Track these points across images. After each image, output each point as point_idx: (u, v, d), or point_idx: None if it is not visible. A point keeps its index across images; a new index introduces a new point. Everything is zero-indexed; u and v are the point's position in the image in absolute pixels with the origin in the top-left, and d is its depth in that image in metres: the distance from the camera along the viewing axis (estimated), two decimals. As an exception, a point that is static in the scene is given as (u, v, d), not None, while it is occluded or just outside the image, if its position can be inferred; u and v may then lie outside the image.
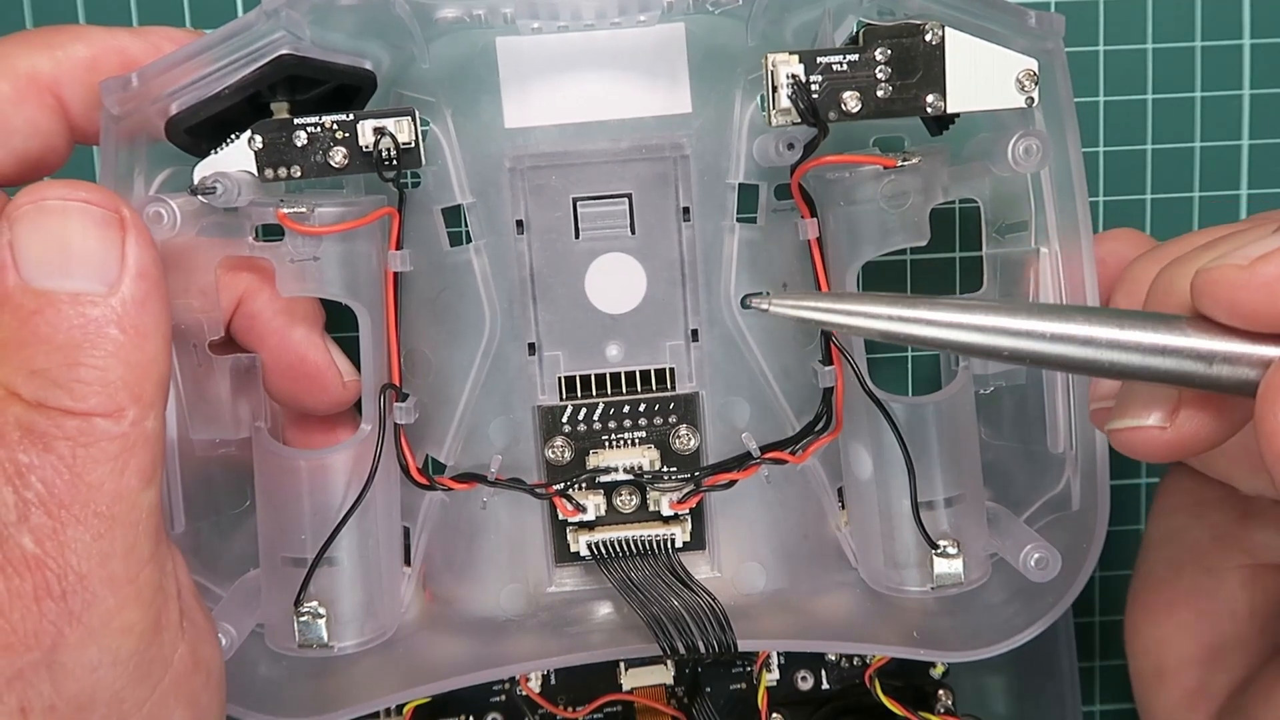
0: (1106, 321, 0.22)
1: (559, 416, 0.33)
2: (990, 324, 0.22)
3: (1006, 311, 0.22)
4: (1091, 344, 0.22)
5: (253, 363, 0.32)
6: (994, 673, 0.38)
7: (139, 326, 0.23)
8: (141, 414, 0.23)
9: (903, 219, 0.31)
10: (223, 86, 0.28)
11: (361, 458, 0.31)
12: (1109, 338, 0.22)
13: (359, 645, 0.32)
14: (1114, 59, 0.38)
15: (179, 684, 0.25)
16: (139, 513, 0.23)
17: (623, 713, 0.36)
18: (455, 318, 0.33)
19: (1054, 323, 0.22)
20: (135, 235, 0.24)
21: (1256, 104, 0.38)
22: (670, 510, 0.33)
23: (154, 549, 0.24)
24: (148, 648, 0.24)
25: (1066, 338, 0.22)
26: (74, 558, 0.22)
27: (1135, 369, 0.22)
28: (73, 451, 0.22)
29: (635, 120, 0.32)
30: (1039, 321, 0.22)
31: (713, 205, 0.33)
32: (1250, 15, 0.38)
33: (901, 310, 0.22)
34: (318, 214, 0.29)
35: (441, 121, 0.32)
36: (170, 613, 0.25)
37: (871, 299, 0.23)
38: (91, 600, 0.23)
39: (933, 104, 0.28)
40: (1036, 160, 0.29)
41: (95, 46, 0.28)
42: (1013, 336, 0.22)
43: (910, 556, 0.32)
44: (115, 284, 0.23)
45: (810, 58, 0.28)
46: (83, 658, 0.23)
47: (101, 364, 0.23)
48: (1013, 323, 0.22)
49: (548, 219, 0.32)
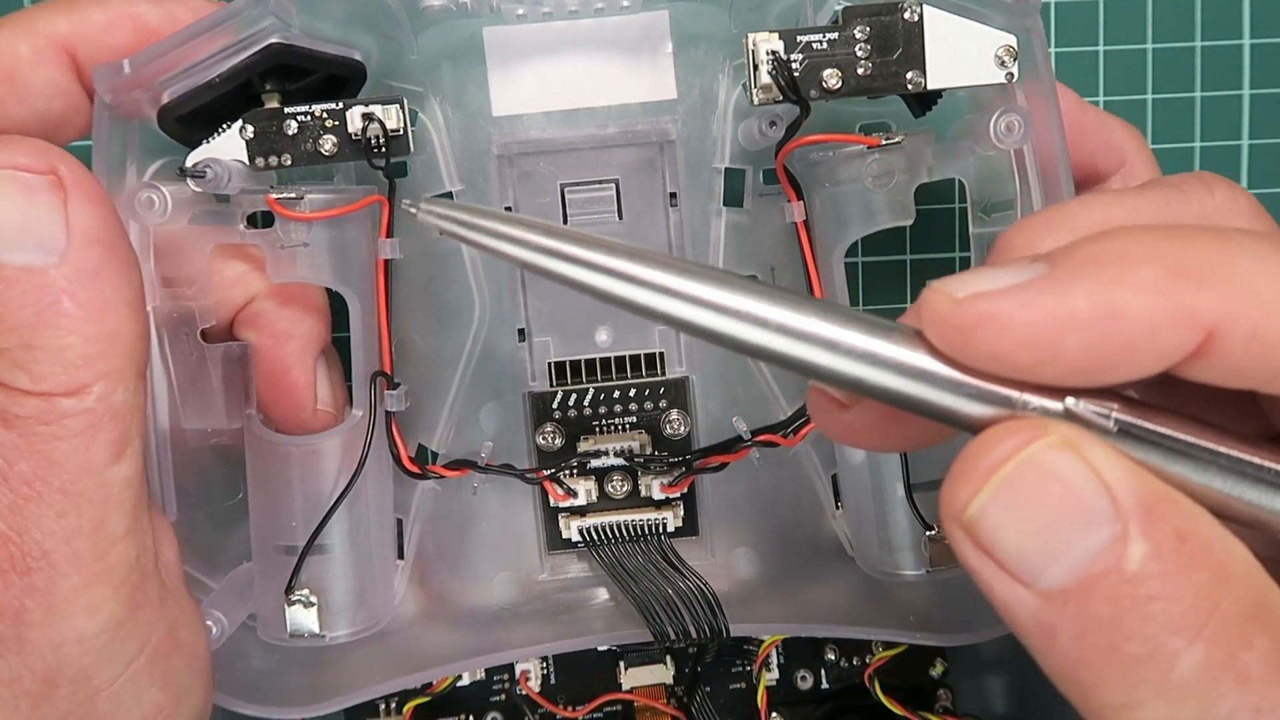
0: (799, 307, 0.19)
1: (549, 402, 0.33)
2: (669, 284, 0.19)
3: (700, 277, 0.19)
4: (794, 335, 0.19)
5: (244, 351, 0.32)
6: (994, 673, 0.38)
7: (95, 298, 0.22)
8: (108, 388, 0.22)
9: (888, 198, 0.31)
10: (214, 74, 0.28)
11: (352, 444, 0.31)
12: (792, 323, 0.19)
13: (351, 635, 0.32)
14: (1114, 59, 0.38)
15: (155, 664, 0.24)
16: (108, 489, 0.23)
17: (622, 712, 0.36)
18: (445, 305, 0.33)
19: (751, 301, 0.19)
20: (79, 197, 0.22)
21: (1256, 104, 0.38)
22: (662, 495, 0.33)
23: (129, 525, 0.23)
24: (119, 626, 0.23)
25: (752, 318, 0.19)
26: (37, 534, 0.22)
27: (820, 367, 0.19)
28: (33, 429, 0.22)
29: (621, 106, 0.32)
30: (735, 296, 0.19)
31: (699, 190, 0.33)
32: (1250, 15, 0.38)
33: (553, 243, 0.19)
34: (308, 200, 0.30)
35: (430, 110, 0.32)
36: (147, 591, 0.24)
37: (523, 224, 0.19)
38: (55, 577, 0.22)
39: (913, 80, 0.29)
40: (1018, 136, 0.30)
41: (112, 11, 0.28)
42: (690, 305, 0.19)
43: (905, 540, 0.32)
44: (66, 254, 0.22)
45: (790, 36, 0.28)
46: (46, 634, 0.22)
47: (57, 342, 0.22)
48: (698, 289, 0.19)
49: (536, 205, 0.33)
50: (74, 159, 0.23)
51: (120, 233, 0.23)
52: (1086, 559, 0.17)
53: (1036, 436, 0.18)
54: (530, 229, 0.19)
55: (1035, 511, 0.18)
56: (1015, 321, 0.18)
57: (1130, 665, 0.17)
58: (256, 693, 0.31)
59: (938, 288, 0.19)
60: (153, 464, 0.30)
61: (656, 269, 0.19)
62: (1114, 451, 0.18)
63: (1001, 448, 0.18)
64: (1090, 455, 0.18)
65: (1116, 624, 0.17)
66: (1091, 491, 0.18)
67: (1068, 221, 0.22)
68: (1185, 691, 0.17)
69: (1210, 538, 0.18)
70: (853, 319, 0.19)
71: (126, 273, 0.23)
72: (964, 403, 0.19)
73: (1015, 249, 0.21)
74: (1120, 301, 0.17)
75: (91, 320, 0.22)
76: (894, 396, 0.19)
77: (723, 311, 0.19)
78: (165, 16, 0.28)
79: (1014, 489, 0.18)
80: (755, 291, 0.19)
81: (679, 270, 0.19)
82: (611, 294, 0.19)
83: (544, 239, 0.19)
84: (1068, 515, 0.18)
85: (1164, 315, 0.17)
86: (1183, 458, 0.18)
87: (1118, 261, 0.18)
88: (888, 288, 0.38)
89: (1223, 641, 0.17)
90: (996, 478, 0.18)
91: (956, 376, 0.19)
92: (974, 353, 0.18)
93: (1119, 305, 0.17)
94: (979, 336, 0.18)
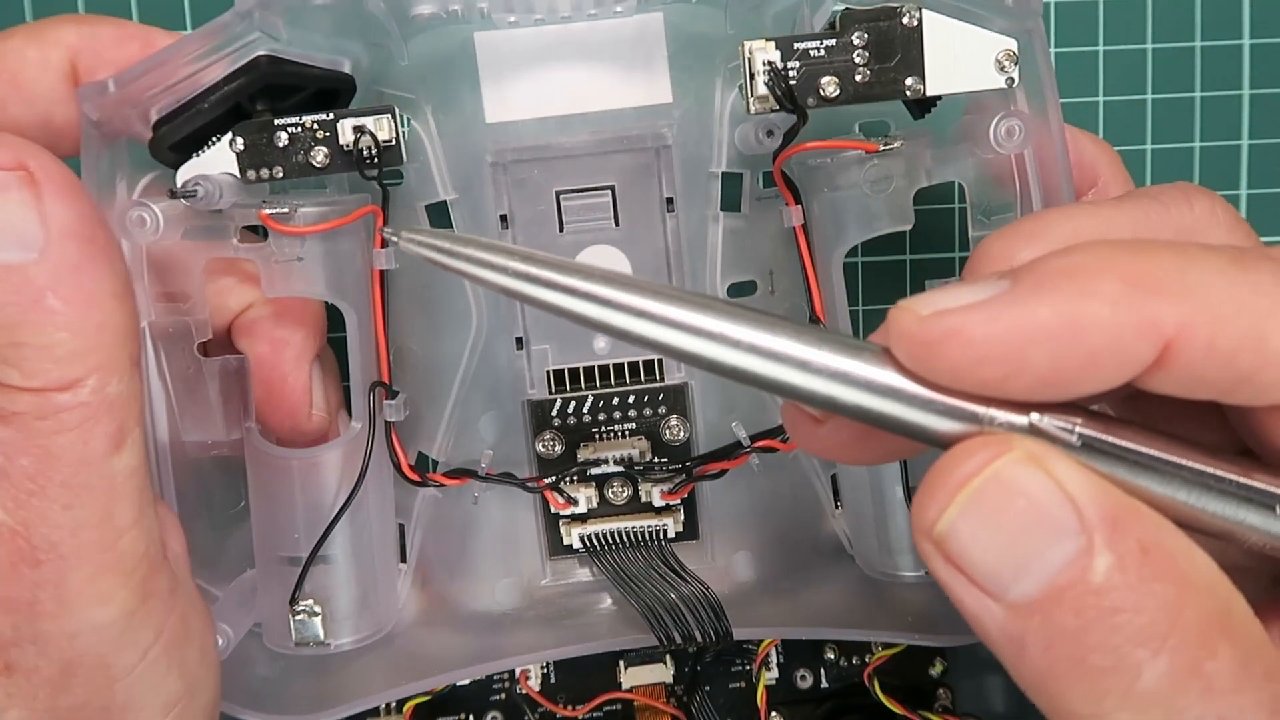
0: (766, 326, 0.19)
1: (549, 410, 0.33)
2: (643, 308, 0.19)
3: (670, 299, 0.19)
4: (759, 352, 0.19)
5: (241, 364, 0.32)
6: (994, 672, 0.38)
7: (80, 292, 0.22)
8: (102, 380, 0.22)
9: (887, 203, 0.31)
10: (202, 91, 0.28)
11: (352, 455, 0.31)
12: (768, 345, 0.19)
13: (355, 642, 0.32)
14: (1114, 59, 0.37)
15: (170, 653, 0.24)
16: (111, 480, 0.23)
17: (622, 711, 0.36)
18: (442, 313, 0.33)
19: (723, 322, 0.19)
20: (53, 191, 0.22)
21: (1256, 104, 0.38)
22: (662, 501, 0.33)
23: (136, 515, 0.23)
24: (131, 615, 0.23)
25: (725, 339, 0.19)
26: (44, 527, 0.22)
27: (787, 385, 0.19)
28: (30, 425, 0.22)
29: (616, 111, 0.32)
30: (706, 318, 0.19)
31: (696, 195, 0.33)
32: (1250, 15, 0.37)
33: (531, 269, 0.19)
34: (300, 214, 0.29)
35: (422, 118, 0.32)
36: (158, 581, 0.24)
37: (501, 250, 0.19)
38: (65, 569, 0.22)
39: (912, 87, 0.28)
40: (1019, 141, 0.29)
41: (122, 27, 0.28)
42: (664, 327, 0.19)
43: (904, 541, 0.32)
44: (45, 249, 0.22)
45: (787, 44, 0.28)
46: (59, 625, 0.22)
47: (46, 339, 0.22)
48: (671, 312, 0.19)
49: (531, 213, 0.32)
50: (46, 152, 0.23)
51: (99, 224, 0.23)
52: (1052, 572, 0.18)
53: (1002, 452, 0.18)
54: (508, 255, 0.19)
55: (1002, 525, 0.18)
56: (978, 336, 0.18)
57: (1096, 676, 0.18)
58: (263, 700, 0.31)
59: (904, 306, 0.19)
60: (154, 475, 0.30)
61: (630, 293, 0.19)
62: (1078, 465, 0.18)
63: (968, 464, 0.18)
64: (1055, 469, 0.18)
65: (1082, 635, 0.18)
66: (1056, 505, 0.18)
67: (1043, 232, 0.22)
68: (1151, 702, 0.18)
69: (1174, 549, 0.18)
70: (824, 339, 0.19)
71: (109, 263, 0.23)
72: (931, 419, 0.19)
73: (992, 258, 0.22)
74: (1082, 313, 0.18)
75: (78, 314, 0.22)
76: (865, 414, 0.19)
77: (696, 333, 0.19)
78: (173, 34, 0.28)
79: (981, 504, 0.18)
80: (728, 313, 0.19)
81: (652, 294, 0.19)
82: (588, 318, 0.19)
83: (521, 264, 0.19)
84: (1033, 529, 0.18)
85: (1125, 326, 0.18)
86: (1147, 470, 0.19)
87: (1080, 275, 0.18)
88: (888, 288, 0.38)
89: (1187, 651, 0.17)
90: (964, 493, 0.18)
91: (923, 393, 0.19)
92: (940, 368, 0.19)
93: (1081, 316, 0.18)
94: (944, 352, 0.18)
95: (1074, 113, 0.38)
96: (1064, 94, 0.35)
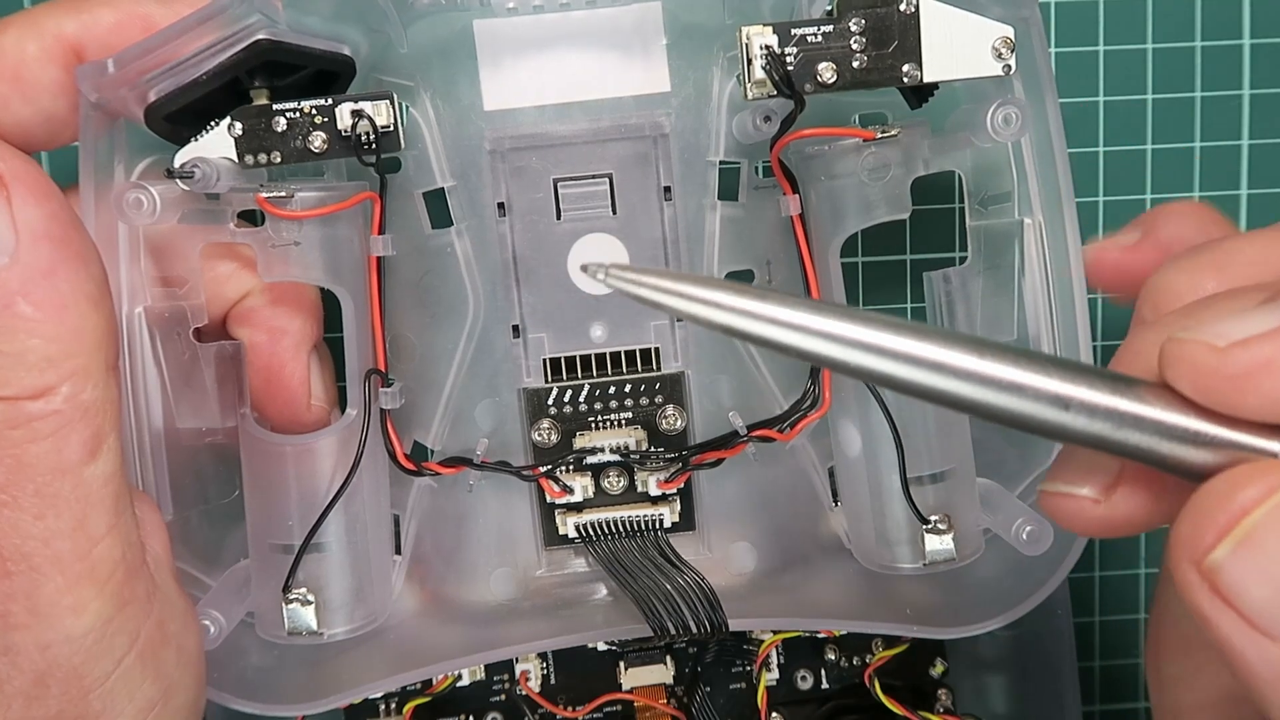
0: (1037, 367, 0.18)
1: (545, 399, 0.33)
2: (879, 343, 0.18)
3: (912, 334, 0.18)
4: (1017, 391, 0.18)
5: (237, 350, 0.32)
6: (994, 672, 0.37)
7: (53, 297, 0.21)
8: (76, 387, 0.22)
9: (884, 192, 0.31)
10: (200, 72, 0.28)
11: (347, 443, 0.31)
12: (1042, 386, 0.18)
13: (349, 632, 0.32)
14: (1114, 59, 0.38)
15: (146, 659, 0.24)
16: (86, 488, 0.22)
17: (622, 712, 0.36)
18: (439, 301, 0.33)
19: (972, 359, 0.18)
20: (23, 193, 0.21)
21: (1256, 104, 0.38)
22: (658, 490, 0.33)
23: (111, 522, 0.23)
24: (106, 624, 0.23)
25: (980, 378, 0.18)
26: (15, 538, 0.22)
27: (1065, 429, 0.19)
28: (2, 434, 0.21)
29: (614, 100, 0.32)
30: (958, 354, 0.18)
31: (694, 183, 0.33)
32: (1250, 15, 0.38)
33: (756, 306, 0.18)
34: (298, 198, 0.29)
35: (421, 105, 0.32)
36: (135, 587, 0.24)
37: (723, 287, 0.19)
38: (38, 580, 0.22)
39: (909, 74, 0.28)
40: (1016, 128, 0.29)
41: (121, 11, 0.27)
42: (916, 367, 0.18)
43: (901, 533, 0.32)
44: (16, 253, 0.21)
45: (784, 29, 0.28)
46: (32, 636, 0.22)
47: (17, 346, 0.21)
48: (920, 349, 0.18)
49: (529, 201, 0.32)
50: (16, 152, 0.22)
51: (73, 225, 0.23)
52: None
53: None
54: (726, 291, 0.18)
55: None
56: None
57: None
58: (255, 690, 0.31)
59: (1190, 340, 0.18)
60: (147, 463, 0.30)
61: (877, 329, 0.18)
62: None
63: (1244, 494, 0.18)
64: None
65: None
66: None
67: (1230, 260, 0.22)
68: None
69: None
70: (1093, 376, 0.19)
71: (84, 267, 0.22)
72: (1190, 450, 0.18)
73: (1180, 292, 0.22)
74: None
75: (50, 320, 0.22)
76: (1129, 450, 0.19)
77: (964, 377, 0.18)
78: (173, 17, 0.27)
79: (1262, 539, 0.17)
80: (994, 353, 0.18)
81: (897, 330, 0.18)
82: (818, 355, 0.18)
83: (739, 300, 0.18)
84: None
85: None
86: None
87: None
88: (888, 287, 0.38)
89: None
90: (1243, 526, 0.18)
91: (1213, 430, 0.18)
92: (1248, 403, 0.18)
93: None
94: (1255, 385, 0.18)
95: (1074, 112, 0.38)
96: (1064, 94, 0.35)
